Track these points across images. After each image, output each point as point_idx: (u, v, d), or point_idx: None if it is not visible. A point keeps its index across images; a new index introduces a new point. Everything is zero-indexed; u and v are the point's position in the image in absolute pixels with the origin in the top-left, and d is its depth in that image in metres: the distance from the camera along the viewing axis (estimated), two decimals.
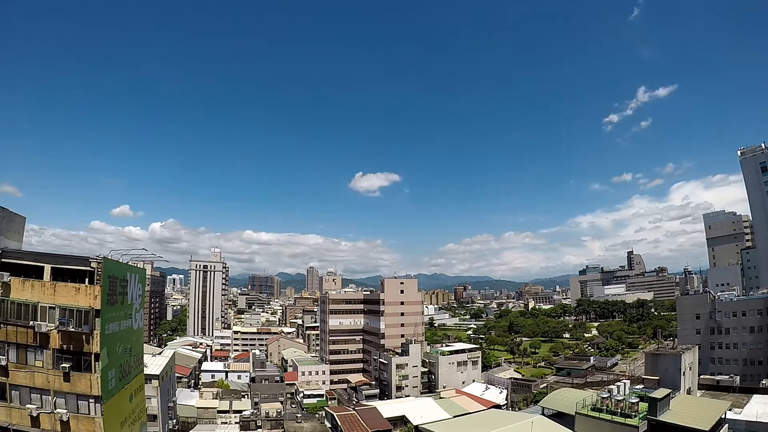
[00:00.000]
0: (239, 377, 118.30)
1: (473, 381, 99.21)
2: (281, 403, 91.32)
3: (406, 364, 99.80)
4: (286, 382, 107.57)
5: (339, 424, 70.74)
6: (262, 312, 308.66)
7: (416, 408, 77.31)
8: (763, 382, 70.77)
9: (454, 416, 67.60)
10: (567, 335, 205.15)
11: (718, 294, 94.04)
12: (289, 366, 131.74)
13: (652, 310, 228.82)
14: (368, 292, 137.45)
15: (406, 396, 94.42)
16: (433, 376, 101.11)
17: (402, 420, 74.78)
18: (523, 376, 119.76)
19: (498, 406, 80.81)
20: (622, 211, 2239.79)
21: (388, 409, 77.75)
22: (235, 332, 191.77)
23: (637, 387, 51.40)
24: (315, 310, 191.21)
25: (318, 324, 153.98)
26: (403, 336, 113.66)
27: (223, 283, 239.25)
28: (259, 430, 72.54)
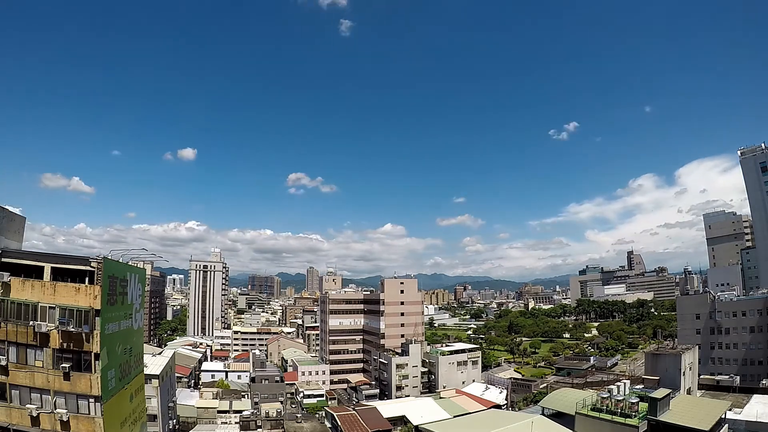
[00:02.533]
0: (239, 377, 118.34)
1: (473, 381, 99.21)
2: (281, 403, 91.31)
3: (406, 364, 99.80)
4: (286, 382, 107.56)
5: (339, 424, 70.75)
6: (262, 312, 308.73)
7: (416, 408, 77.33)
8: (763, 382, 70.74)
9: (454, 416, 67.61)
10: (567, 335, 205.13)
11: (718, 294, 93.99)
12: (289, 366, 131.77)
13: (652, 310, 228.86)
14: (368, 292, 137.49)
15: (406, 396, 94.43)
16: (433, 376, 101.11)
17: (402, 420, 74.80)
18: (523, 376, 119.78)
19: (498, 406, 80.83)
20: (626, 198, 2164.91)
21: (388, 409, 77.77)
22: (235, 332, 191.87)
23: (637, 387, 51.37)
24: (315, 310, 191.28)
25: (318, 324, 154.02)
26: (403, 336, 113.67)
27: (223, 283, 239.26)
28: (259, 430, 72.47)
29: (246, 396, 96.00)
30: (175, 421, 72.93)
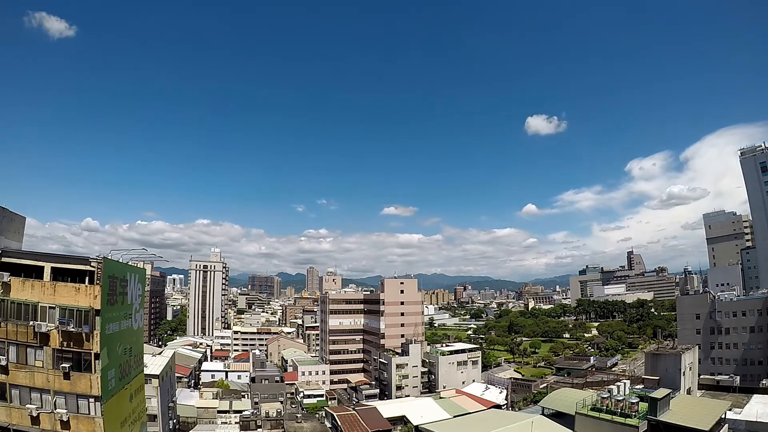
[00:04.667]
0: (239, 377, 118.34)
1: (473, 381, 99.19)
2: (281, 403, 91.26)
3: (406, 364, 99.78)
4: (286, 382, 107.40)
5: (339, 424, 70.77)
6: (262, 312, 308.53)
7: (416, 408, 77.34)
8: (763, 382, 70.77)
9: (454, 416, 67.61)
10: (567, 335, 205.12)
11: (718, 294, 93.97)
12: (289, 366, 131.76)
13: (652, 310, 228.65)
14: (368, 292, 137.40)
15: (406, 396, 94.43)
16: (433, 376, 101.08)
17: (402, 420, 74.83)
18: (523, 376, 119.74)
19: (498, 406, 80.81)
20: (630, 184, 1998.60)
21: (388, 409, 77.77)
22: (235, 332, 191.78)
23: (637, 387, 51.33)
24: (315, 310, 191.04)
25: (318, 324, 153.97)
26: (403, 336, 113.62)
27: (223, 283, 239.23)
28: (259, 430, 72.45)
29: (246, 396, 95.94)
30: (175, 421, 72.90)
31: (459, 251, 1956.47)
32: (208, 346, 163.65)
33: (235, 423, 75.69)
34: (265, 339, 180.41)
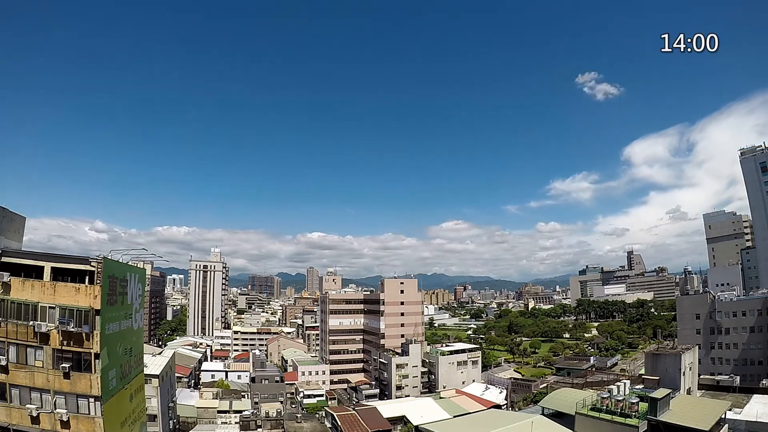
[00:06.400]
0: (239, 377, 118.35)
1: (473, 381, 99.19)
2: (281, 403, 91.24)
3: (406, 364, 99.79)
4: (286, 382, 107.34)
5: (339, 424, 70.77)
6: (262, 312, 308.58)
7: (416, 408, 77.35)
8: (763, 382, 70.71)
9: (454, 416, 67.65)
10: (567, 335, 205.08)
11: (718, 294, 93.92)
12: (289, 366, 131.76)
13: (652, 310, 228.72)
14: (368, 292, 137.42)
15: (406, 396, 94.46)
16: (433, 376, 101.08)
17: (402, 420, 74.85)
18: (523, 376, 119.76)
19: (498, 406, 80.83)
20: (632, 171, 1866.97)
21: (388, 409, 77.78)
22: (235, 332, 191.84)
23: (637, 387, 51.32)
24: (315, 310, 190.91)
25: (318, 324, 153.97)
26: (403, 336, 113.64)
27: (223, 283, 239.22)
28: (259, 430, 72.41)
29: (246, 396, 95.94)
30: (175, 421, 72.92)
31: (462, 250, 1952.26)
32: (208, 346, 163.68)
33: (235, 423, 75.64)
34: (265, 339, 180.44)
